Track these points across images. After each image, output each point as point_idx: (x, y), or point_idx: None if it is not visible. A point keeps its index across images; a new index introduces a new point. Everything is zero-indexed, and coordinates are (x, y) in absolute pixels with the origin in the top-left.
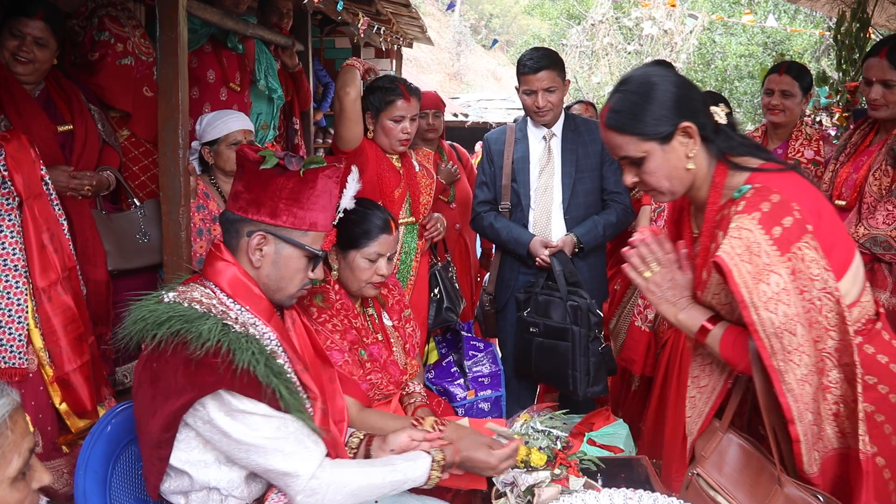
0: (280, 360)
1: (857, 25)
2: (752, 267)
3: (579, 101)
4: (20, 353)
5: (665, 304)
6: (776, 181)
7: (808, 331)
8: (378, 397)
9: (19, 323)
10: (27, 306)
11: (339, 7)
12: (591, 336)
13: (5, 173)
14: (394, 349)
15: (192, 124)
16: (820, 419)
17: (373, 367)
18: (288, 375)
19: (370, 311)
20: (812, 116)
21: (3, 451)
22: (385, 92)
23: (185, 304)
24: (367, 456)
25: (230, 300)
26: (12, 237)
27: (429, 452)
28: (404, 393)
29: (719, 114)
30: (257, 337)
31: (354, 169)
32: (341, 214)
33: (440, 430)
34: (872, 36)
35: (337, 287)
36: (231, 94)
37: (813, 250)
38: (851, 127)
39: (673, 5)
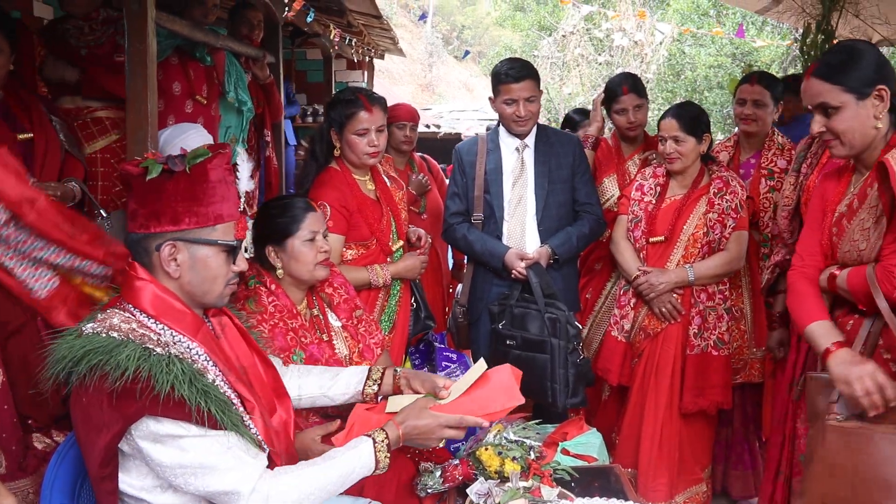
0: (210, 376)
1: (822, 37)
2: None
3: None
4: None
5: None
6: None
7: None
8: None
9: None
10: None
11: (309, 19)
12: (569, 348)
13: None
14: (336, 349)
15: None
16: None
17: None
18: (219, 393)
19: (315, 311)
20: None
21: None
22: (345, 105)
23: (104, 335)
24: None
25: (151, 321)
26: None
27: (370, 435)
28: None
29: None
30: (182, 356)
31: (240, 149)
32: (242, 198)
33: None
34: None
35: (274, 287)
36: (197, 106)
37: None
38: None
39: (643, 17)
